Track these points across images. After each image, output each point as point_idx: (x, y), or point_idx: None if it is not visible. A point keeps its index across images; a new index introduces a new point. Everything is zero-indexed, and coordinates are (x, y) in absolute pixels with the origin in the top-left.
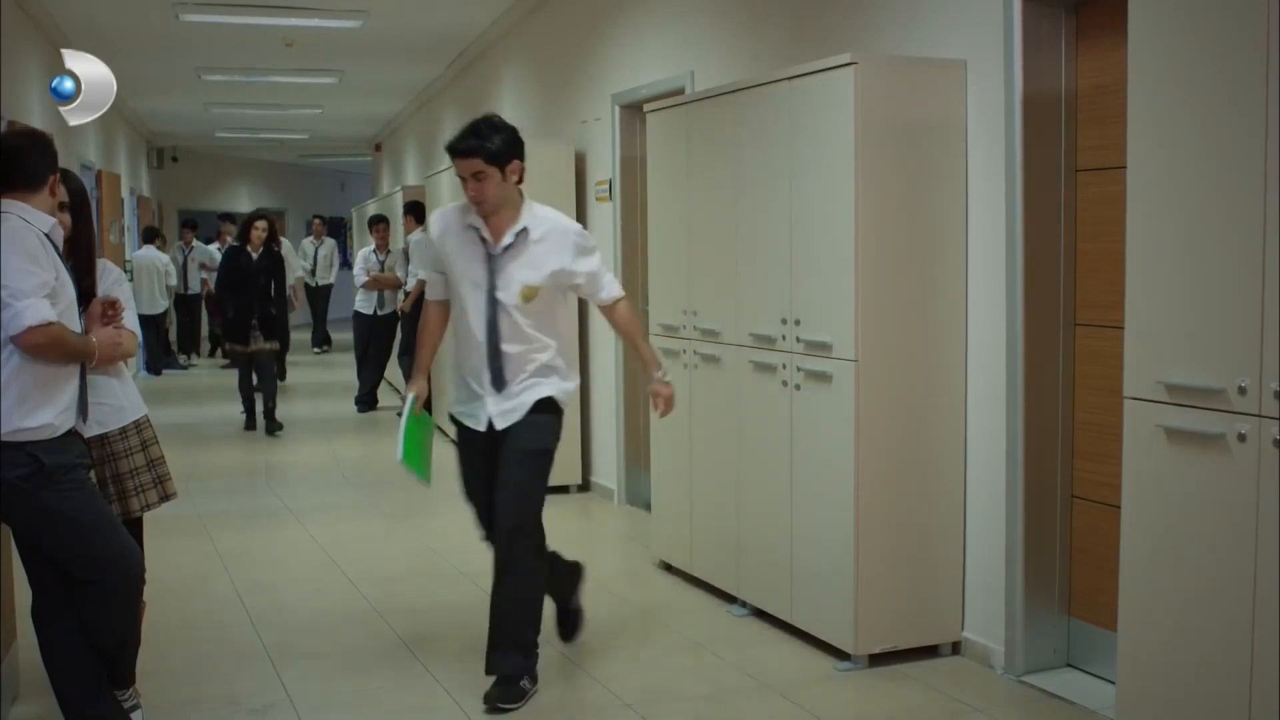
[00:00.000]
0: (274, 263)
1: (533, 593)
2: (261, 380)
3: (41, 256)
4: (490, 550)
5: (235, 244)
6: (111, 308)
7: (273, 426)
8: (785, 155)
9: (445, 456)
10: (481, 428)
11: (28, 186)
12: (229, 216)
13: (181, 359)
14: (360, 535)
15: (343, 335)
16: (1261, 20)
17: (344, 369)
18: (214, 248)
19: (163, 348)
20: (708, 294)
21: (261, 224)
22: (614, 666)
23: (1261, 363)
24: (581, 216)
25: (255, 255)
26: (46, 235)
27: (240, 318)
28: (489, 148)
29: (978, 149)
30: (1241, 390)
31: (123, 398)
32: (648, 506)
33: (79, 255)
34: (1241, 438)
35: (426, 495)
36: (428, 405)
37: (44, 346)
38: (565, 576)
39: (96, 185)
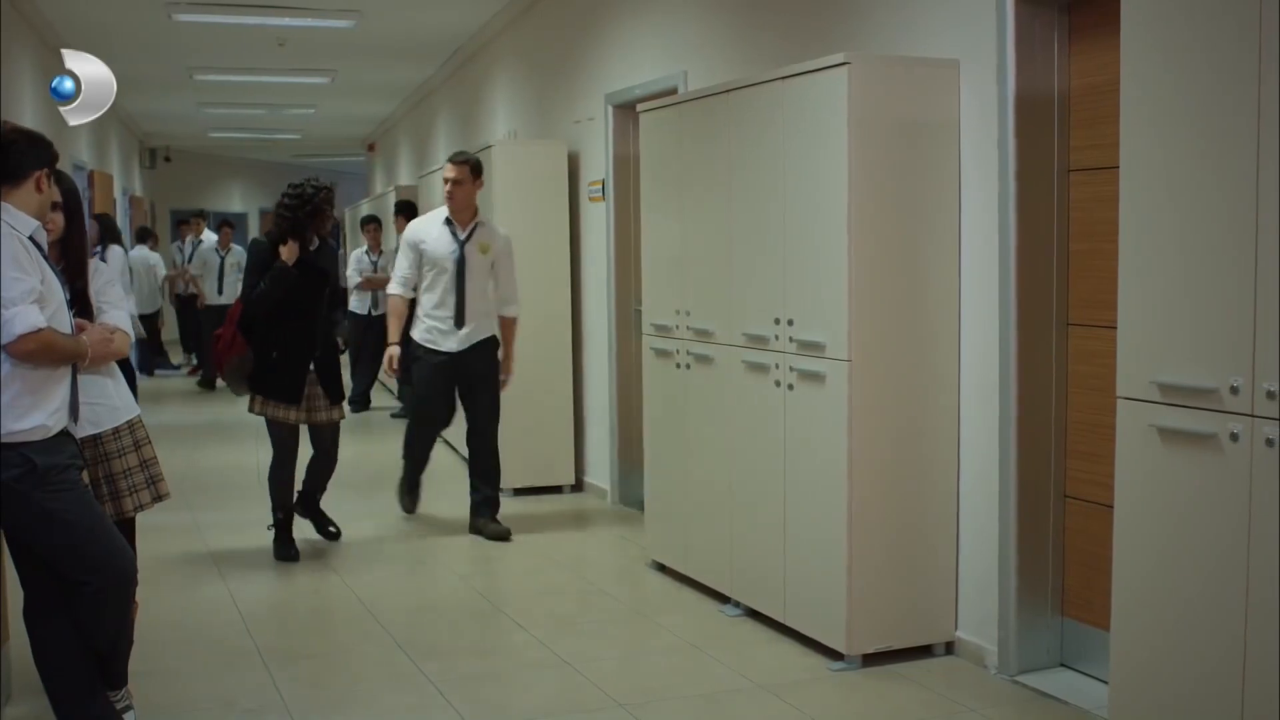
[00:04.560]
0: (335, 263)
1: None
2: (315, 461)
3: (26, 261)
4: None
5: (264, 240)
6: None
7: (325, 523)
8: (778, 155)
9: (440, 457)
10: None
11: (7, 181)
12: (202, 215)
13: (182, 360)
14: (354, 536)
15: None
16: (1254, 21)
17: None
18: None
19: (155, 348)
20: (701, 294)
21: (328, 191)
22: (607, 667)
23: (1254, 362)
24: (575, 216)
25: (313, 250)
26: (30, 238)
27: (295, 359)
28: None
29: (971, 149)
30: (1234, 390)
31: (116, 397)
32: (641, 506)
33: (71, 256)
34: (1234, 437)
35: (421, 496)
36: None
37: (36, 353)
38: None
39: (89, 185)
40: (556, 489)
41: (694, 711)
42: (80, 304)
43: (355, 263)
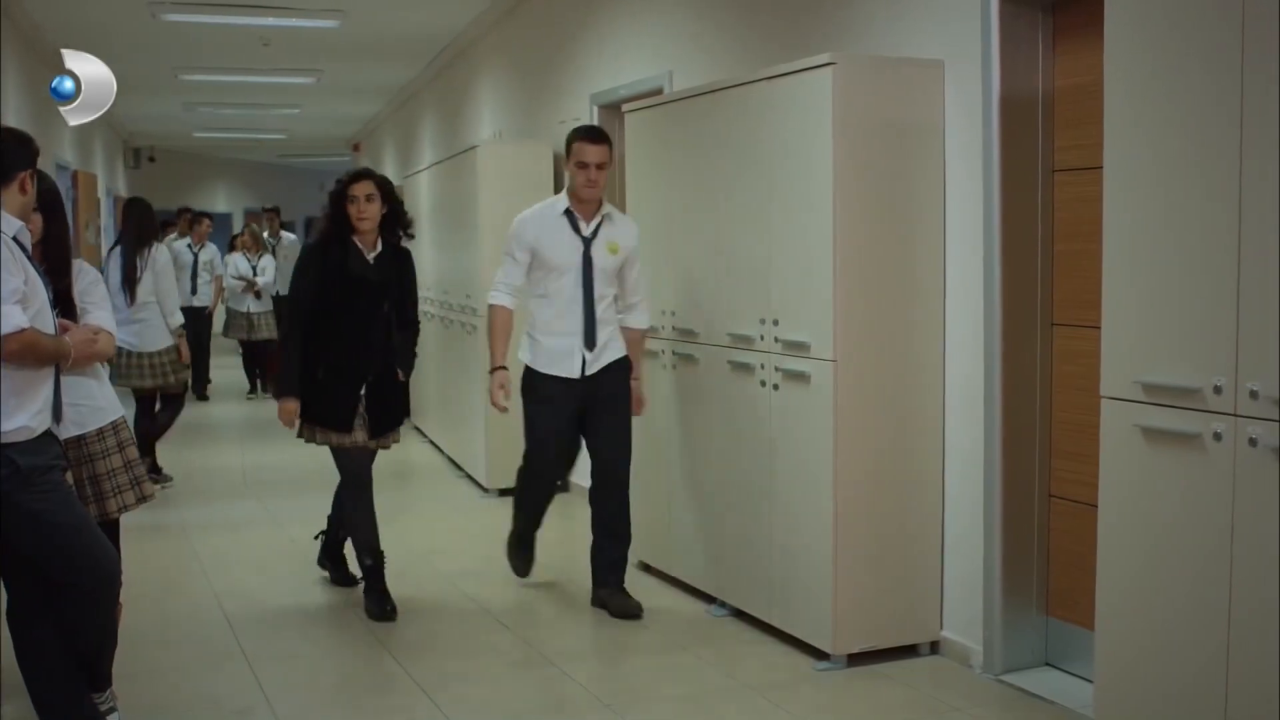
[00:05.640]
0: (404, 274)
1: None
2: (356, 504)
3: (10, 262)
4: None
5: (315, 242)
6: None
7: (384, 603)
8: (764, 155)
9: (426, 457)
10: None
11: None
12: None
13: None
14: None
15: None
16: (1236, 21)
17: None
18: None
19: None
20: (686, 294)
21: (368, 187)
22: (593, 667)
23: (1237, 362)
24: None
25: (372, 257)
26: (14, 238)
27: (343, 383)
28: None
29: (956, 149)
30: (1217, 390)
31: (100, 398)
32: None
33: (54, 256)
34: (1217, 437)
35: (407, 498)
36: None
37: (18, 353)
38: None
39: (73, 185)
40: None
41: (679, 712)
42: (64, 305)
43: None
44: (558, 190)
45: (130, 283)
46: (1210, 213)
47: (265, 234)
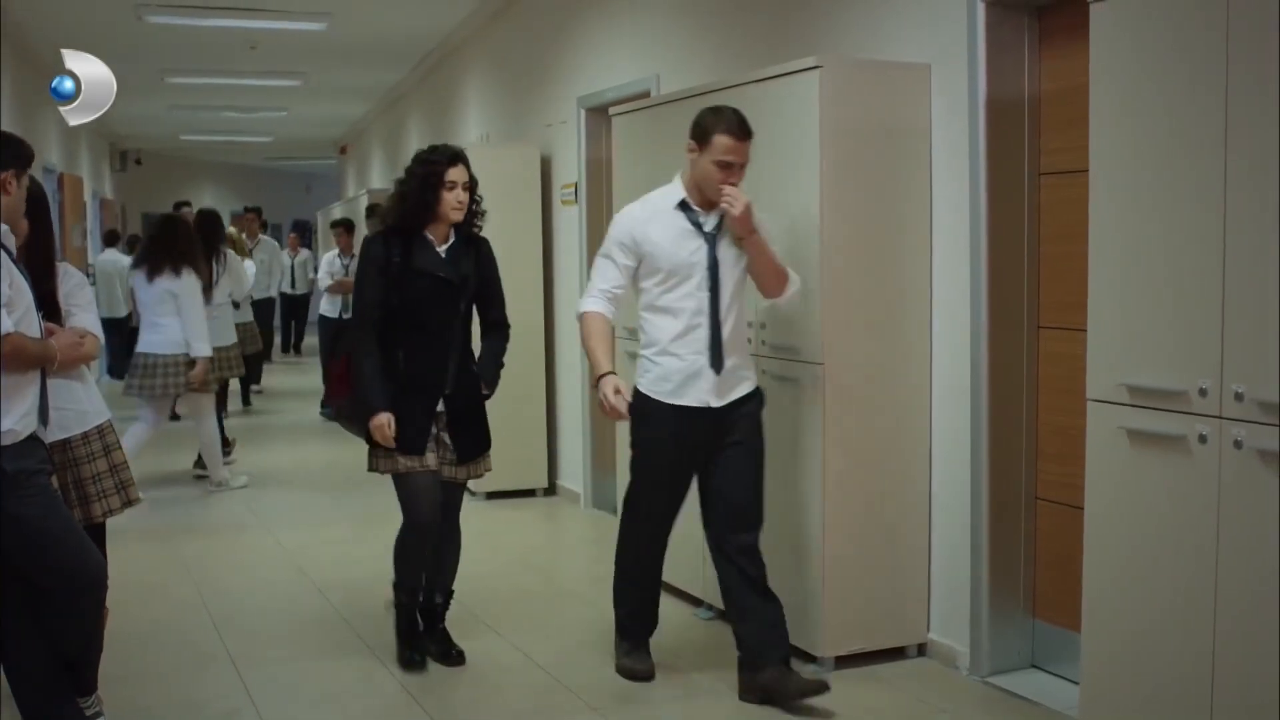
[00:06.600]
0: (484, 267)
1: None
2: (441, 540)
3: None
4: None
5: (376, 234)
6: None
7: (448, 646)
8: (751, 158)
9: None
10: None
11: None
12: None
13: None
14: (326, 540)
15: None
16: (1221, 25)
17: (312, 373)
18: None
19: (126, 351)
20: None
21: (465, 174)
22: (581, 670)
23: (1222, 365)
24: (547, 220)
25: (444, 250)
26: None
27: (415, 397)
28: None
29: (942, 152)
30: (1202, 392)
31: (85, 402)
32: (614, 510)
33: (38, 259)
34: (1203, 439)
35: (393, 500)
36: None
37: (4, 358)
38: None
39: (59, 188)
40: (530, 493)
41: (667, 714)
42: (48, 307)
43: (327, 265)
44: (545, 192)
45: (206, 286)
46: (1195, 215)
47: (243, 235)
